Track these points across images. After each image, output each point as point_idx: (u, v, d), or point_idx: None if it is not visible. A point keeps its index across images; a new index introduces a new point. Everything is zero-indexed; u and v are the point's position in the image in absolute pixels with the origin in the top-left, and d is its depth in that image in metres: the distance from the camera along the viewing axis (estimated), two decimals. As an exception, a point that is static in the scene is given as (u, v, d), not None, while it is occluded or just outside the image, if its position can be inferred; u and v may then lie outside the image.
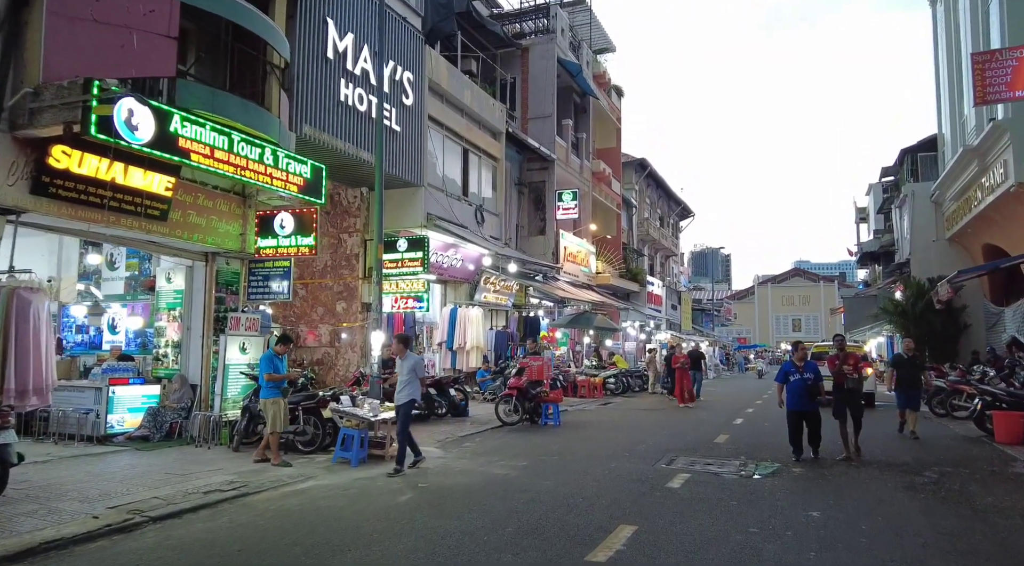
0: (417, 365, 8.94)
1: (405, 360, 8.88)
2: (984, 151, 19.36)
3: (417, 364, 8.96)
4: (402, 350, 9.00)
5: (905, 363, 12.17)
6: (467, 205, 17.46)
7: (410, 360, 8.88)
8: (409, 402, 8.75)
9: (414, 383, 8.76)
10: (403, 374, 8.80)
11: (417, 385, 8.78)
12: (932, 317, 24.81)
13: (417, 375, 8.81)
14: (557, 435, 12.06)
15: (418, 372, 8.89)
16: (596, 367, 23.26)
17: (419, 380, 8.84)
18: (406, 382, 8.75)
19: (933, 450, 10.61)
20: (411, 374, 8.78)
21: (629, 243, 35.39)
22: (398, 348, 9.09)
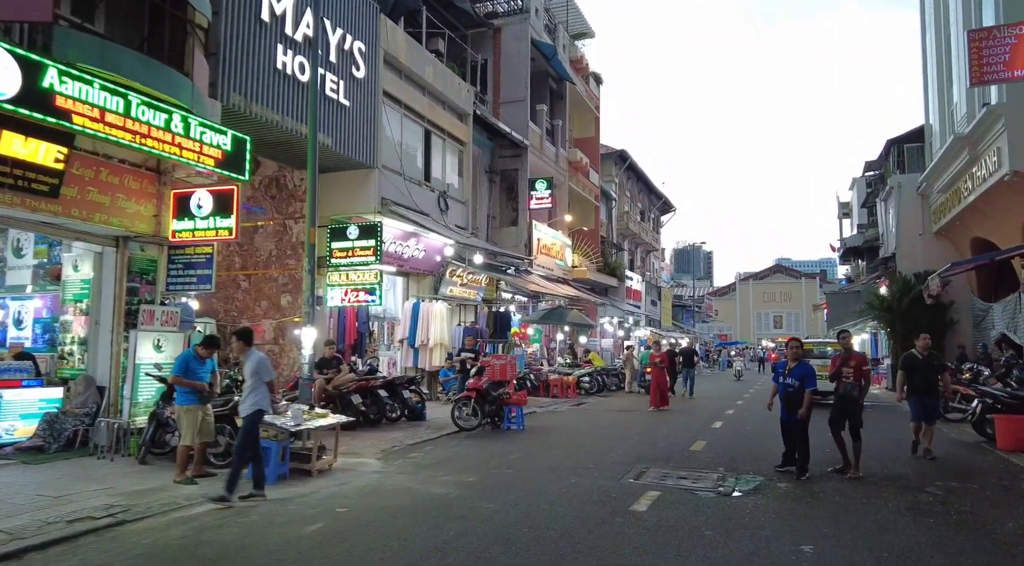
0: (260, 367, 7.15)
1: (247, 361, 7.25)
2: (976, 139, 18.42)
3: (260, 366, 7.16)
4: (242, 348, 7.35)
5: (920, 365, 9.84)
6: (429, 191, 16.19)
7: (251, 361, 7.20)
8: (255, 413, 7.07)
9: (260, 389, 7.12)
10: (247, 379, 7.23)
11: (264, 392, 7.13)
12: (919, 313, 23.92)
13: (262, 379, 7.14)
14: (518, 442, 10.87)
15: (263, 375, 7.12)
16: (570, 365, 22.10)
17: (268, 385, 7.15)
18: (250, 389, 7.12)
19: (933, 460, 9.55)
20: (255, 378, 7.10)
21: (608, 237, 34.30)
22: (238, 346, 7.45)
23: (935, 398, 9.92)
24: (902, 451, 10.14)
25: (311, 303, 9.47)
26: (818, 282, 73.92)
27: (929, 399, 9.77)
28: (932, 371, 9.87)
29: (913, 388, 9.81)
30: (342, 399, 11.81)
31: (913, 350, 10.13)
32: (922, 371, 9.81)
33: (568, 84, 25.80)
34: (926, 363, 9.86)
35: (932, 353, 10.14)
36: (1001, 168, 16.84)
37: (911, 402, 9.90)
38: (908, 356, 10.09)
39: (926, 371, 9.81)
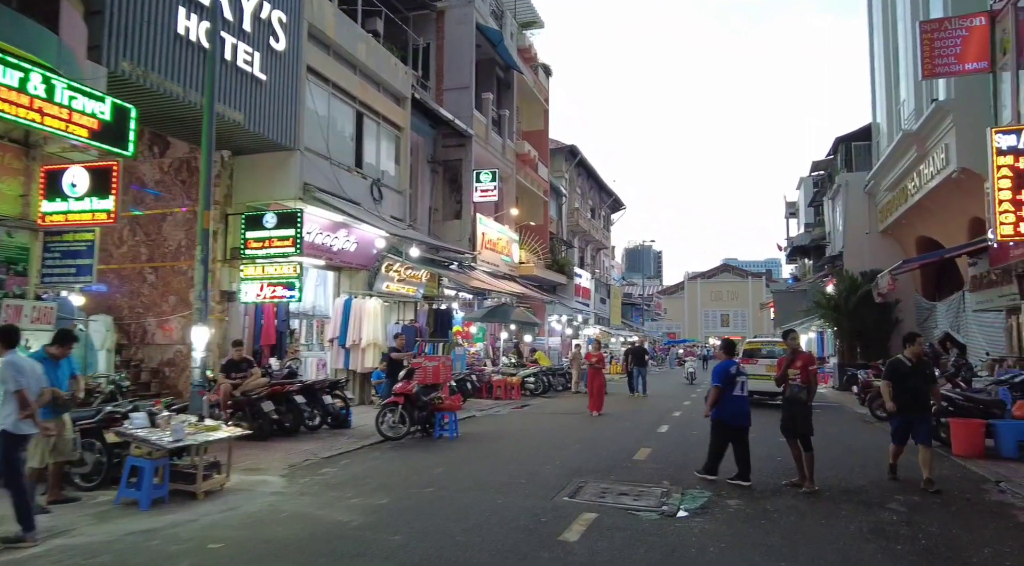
0: (5, 375, 5.62)
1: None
2: (924, 136, 18.25)
3: (4, 374, 5.64)
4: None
5: (909, 373, 7.88)
6: (361, 178, 15.00)
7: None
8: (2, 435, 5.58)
9: (8, 403, 5.61)
10: None
11: (14, 407, 5.57)
12: (865, 312, 23.90)
13: (8, 389, 5.61)
14: (448, 453, 9.86)
15: (7, 384, 5.58)
16: (515, 365, 21.19)
17: (18, 397, 5.54)
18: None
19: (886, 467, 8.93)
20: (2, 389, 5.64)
21: (558, 233, 33.54)
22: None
23: (927, 413, 7.98)
24: (857, 458, 9.54)
25: (204, 298, 8.26)
26: (764, 281, 74.99)
27: (920, 414, 7.87)
28: (924, 381, 7.92)
29: (901, 403, 7.90)
30: (252, 406, 10.61)
31: (900, 356, 8.16)
32: (912, 381, 7.87)
33: (516, 73, 24.86)
34: (916, 371, 7.90)
35: (923, 360, 8.20)
36: (949, 165, 16.64)
37: (895, 420, 8.12)
38: (895, 363, 8.15)
39: (916, 381, 7.88)
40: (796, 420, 7.92)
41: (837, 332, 25.97)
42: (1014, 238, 10.13)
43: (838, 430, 12.90)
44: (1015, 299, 13.39)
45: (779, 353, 18.46)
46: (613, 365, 37.96)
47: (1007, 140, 10.11)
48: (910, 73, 19.69)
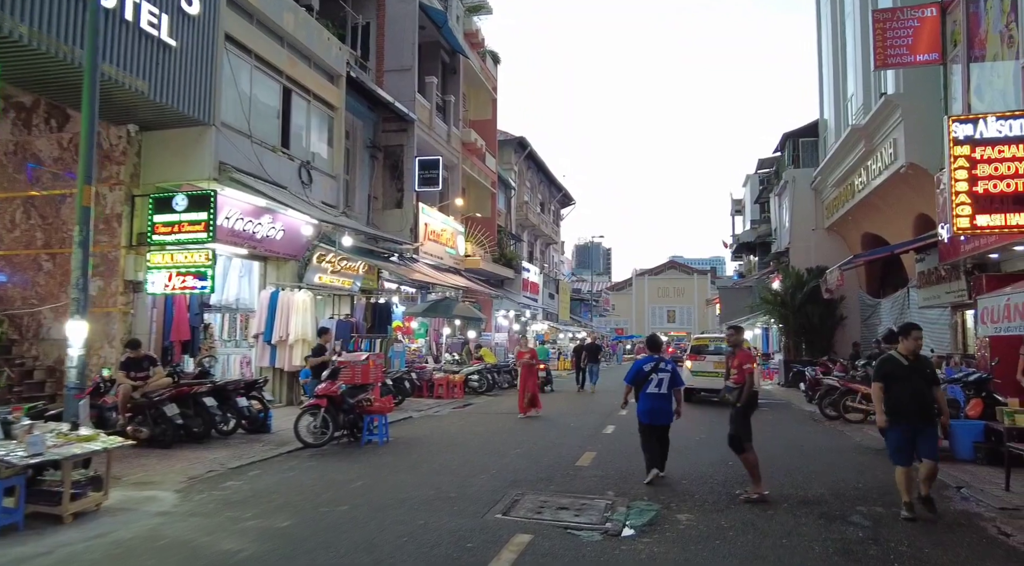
0: None
1: None
2: (872, 131, 18.10)
3: None
4: None
5: (906, 374, 6.39)
6: (288, 160, 13.84)
7: None
8: None
9: None
10: None
11: None
12: (811, 308, 23.87)
13: None
14: (374, 462, 8.92)
15: None
16: (458, 362, 20.31)
17: None
18: None
19: (844, 472, 8.44)
20: None
21: (506, 226, 32.76)
22: None
23: (932, 423, 6.43)
24: (812, 462, 9.02)
25: (82, 287, 7.12)
26: (709, 278, 76.02)
27: (923, 425, 6.36)
28: (925, 383, 6.42)
29: (897, 410, 6.37)
30: (154, 409, 9.45)
31: (893, 352, 6.69)
32: (910, 384, 6.35)
33: (462, 58, 23.90)
34: (915, 371, 6.42)
35: (923, 357, 6.72)
36: (897, 160, 16.47)
37: (892, 433, 6.45)
38: (888, 362, 6.63)
39: (917, 383, 6.36)
40: (732, 422, 7.39)
41: (783, 328, 25.96)
42: (970, 231, 9.77)
43: (789, 430, 12.48)
44: (962, 296, 13.21)
45: (726, 350, 18.08)
46: (561, 361, 37.54)
47: (963, 129, 9.73)
48: (858, 67, 19.58)
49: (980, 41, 11.93)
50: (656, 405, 7.74)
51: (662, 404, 7.76)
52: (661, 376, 7.77)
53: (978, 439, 8.87)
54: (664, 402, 7.77)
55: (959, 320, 15.07)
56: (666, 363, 7.99)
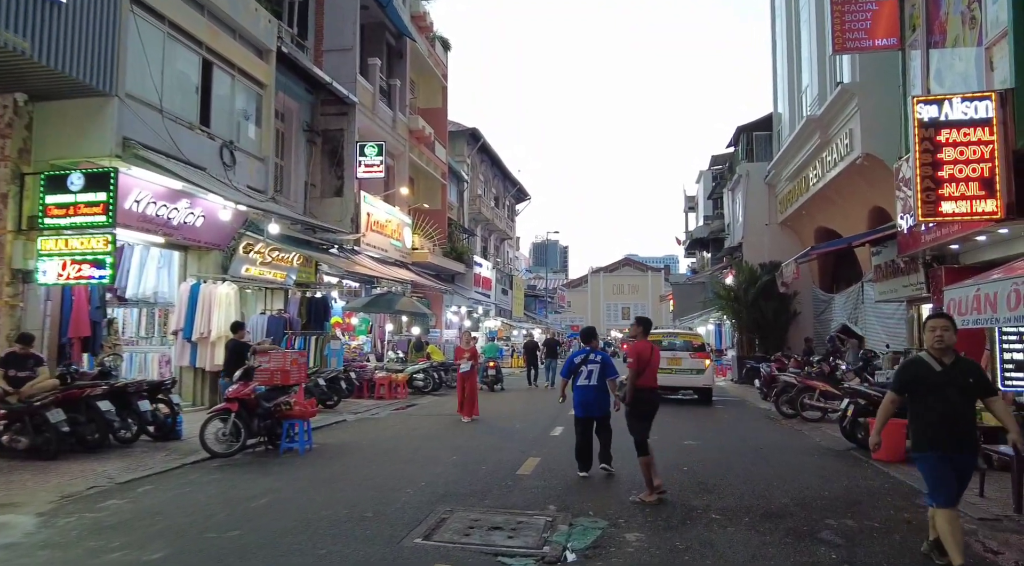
0: None
1: None
2: (827, 121, 17.73)
3: None
4: None
5: (938, 382, 4.62)
6: (208, 139, 12.58)
7: None
8: None
9: None
10: None
11: None
12: (764, 303, 23.57)
13: None
14: (288, 474, 7.87)
15: None
16: (401, 360, 19.27)
17: None
18: None
19: (808, 478, 7.76)
20: None
21: (458, 220, 31.76)
22: None
23: (972, 450, 4.76)
24: (771, 467, 8.33)
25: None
26: (663, 276, 76.56)
27: (962, 454, 4.62)
28: (963, 396, 4.62)
29: (925, 433, 4.67)
30: (35, 415, 8.21)
31: (921, 354, 4.85)
32: (944, 396, 4.59)
33: (409, 42, 22.78)
34: (950, 380, 4.61)
35: (964, 360, 4.80)
36: (853, 151, 16.10)
37: (924, 464, 4.72)
38: (913, 365, 4.86)
39: (953, 394, 4.58)
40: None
41: (736, 324, 25.67)
42: (934, 219, 9.26)
43: (745, 430, 11.87)
44: (920, 289, 12.83)
45: (681, 345, 17.61)
46: (515, 358, 36.72)
47: (928, 111, 9.21)
48: (813, 57, 19.24)
49: (940, 24, 11.49)
50: (587, 397, 7.62)
51: (594, 396, 7.62)
52: (591, 367, 7.64)
53: (944, 439, 8.31)
54: (596, 393, 7.63)
55: (915, 314, 14.76)
56: (596, 354, 7.82)
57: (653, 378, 7.02)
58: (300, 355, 9.98)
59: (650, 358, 6.96)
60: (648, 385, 6.97)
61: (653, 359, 7.00)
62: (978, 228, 9.64)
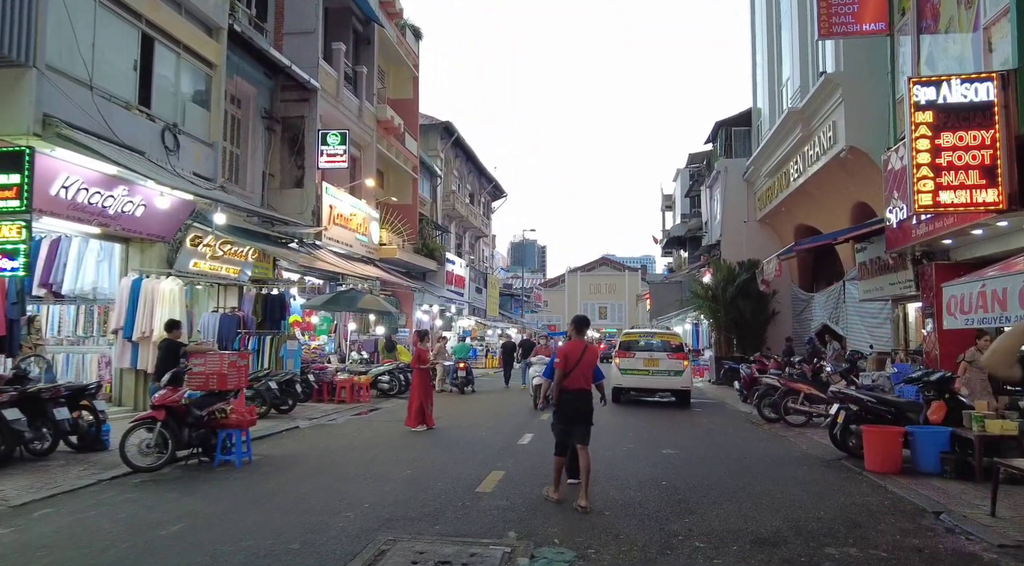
0: None
1: None
2: (810, 114, 17.12)
3: None
4: None
5: None
6: (147, 120, 11.53)
7: None
8: None
9: None
10: None
11: None
12: (743, 303, 22.99)
13: None
14: (214, 493, 6.93)
15: None
16: (367, 361, 18.31)
17: None
18: None
19: (799, 494, 7.01)
20: None
21: (431, 216, 30.83)
22: None
23: None
24: (759, 480, 7.57)
25: None
26: (640, 275, 76.36)
27: None
28: None
29: None
30: (-78, 427, 7.16)
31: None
32: None
33: (377, 28, 21.79)
34: None
35: None
36: (836, 144, 15.49)
37: None
38: None
39: None
40: None
41: (713, 324, 25.07)
42: (932, 209, 8.59)
43: (726, 436, 11.14)
44: (908, 287, 12.22)
45: (659, 346, 16.87)
46: (490, 359, 35.84)
47: (926, 93, 8.54)
48: (795, 47, 18.66)
49: (932, 8, 10.87)
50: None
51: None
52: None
53: (944, 448, 7.64)
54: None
55: (900, 314, 14.20)
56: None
57: (583, 380, 6.50)
58: (240, 357, 9.00)
59: (580, 359, 6.46)
60: (576, 387, 6.47)
61: (584, 360, 6.48)
62: (975, 220, 9.00)
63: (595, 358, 6.64)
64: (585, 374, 6.49)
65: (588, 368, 6.51)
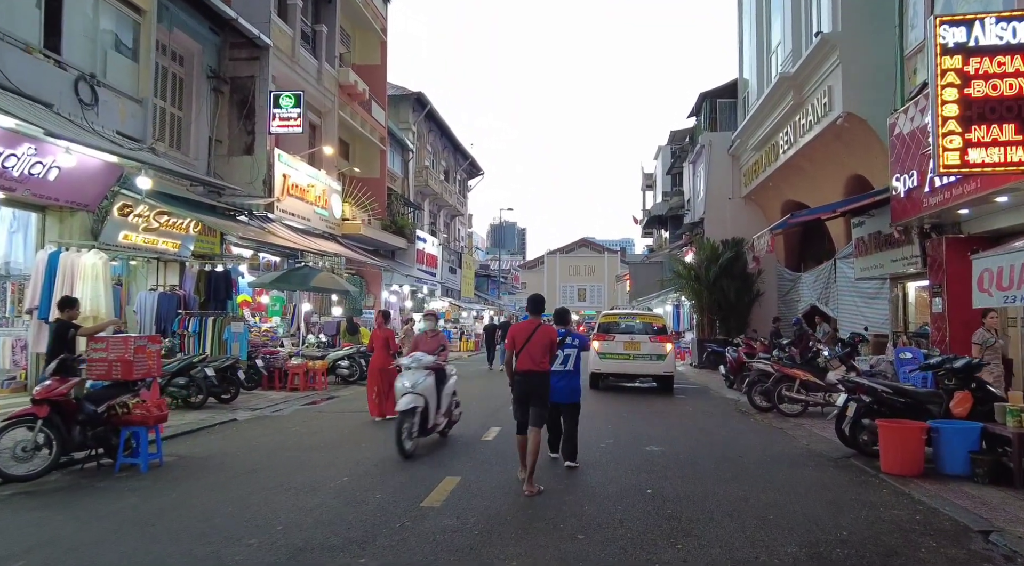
0: None
1: None
2: (803, 79, 15.91)
3: None
4: None
5: None
6: (57, 68, 10.00)
7: None
8: None
9: None
10: None
11: None
12: (727, 283, 21.92)
13: None
14: (96, 508, 5.62)
15: None
16: (326, 345, 16.97)
17: None
18: None
19: (811, 505, 5.87)
20: None
21: (403, 192, 29.34)
22: None
23: None
24: (757, 486, 6.41)
25: None
26: (619, 257, 75.62)
27: None
28: None
29: None
30: None
31: None
32: None
33: (338, -17, 20.16)
34: None
35: None
36: (832, 111, 14.29)
37: None
38: None
39: None
40: None
41: (695, 305, 24.02)
42: (959, 170, 7.44)
43: (716, 429, 10.01)
44: (914, 263, 11.15)
45: (640, 328, 15.73)
46: (464, 342, 34.60)
47: (955, 34, 7.35)
48: (787, 9, 17.41)
49: (950, -52, 9.66)
50: (559, 383, 6.91)
51: (566, 382, 7.11)
52: (567, 352, 7.13)
53: (973, 447, 6.56)
54: (569, 379, 7.15)
55: (900, 293, 13.17)
56: (573, 337, 7.32)
57: (531, 361, 6.27)
58: (150, 340, 7.62)
59: (528, 339, 6.28)
60: (525, 369, 6.31)
61: (534, 340, 6.27)
62: (1005, 185, 7.86)
63: (547, 339, 6.34)
64: (534, 355, 6.25)
65: (539, 349, 6.26)
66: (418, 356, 8.08)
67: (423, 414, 7.63)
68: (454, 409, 8.85)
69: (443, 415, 8.32)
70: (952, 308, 9.90)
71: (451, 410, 8.72)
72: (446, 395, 8.34)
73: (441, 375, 8.23)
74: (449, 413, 8.62)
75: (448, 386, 8.44)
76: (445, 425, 8.56)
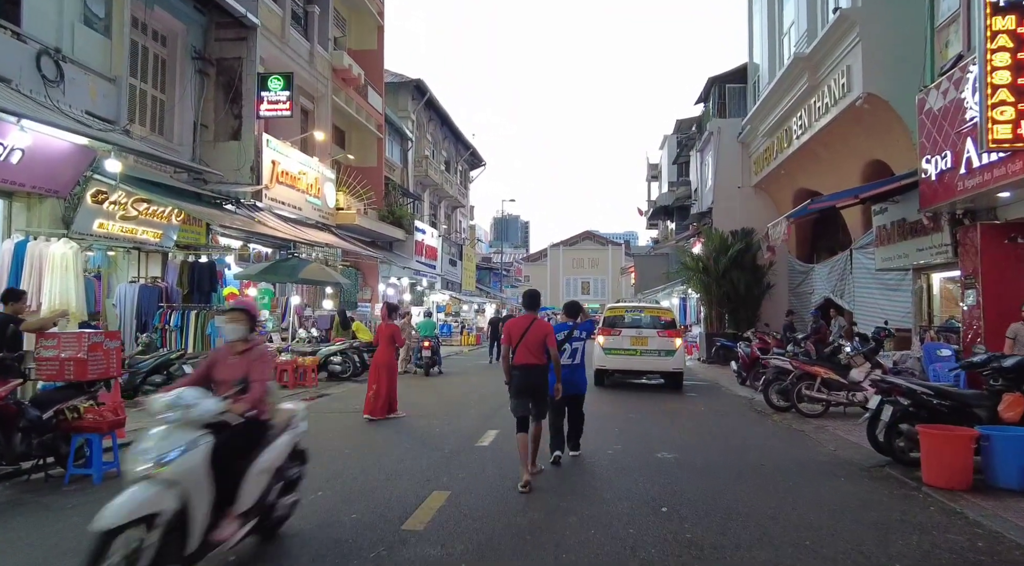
0: None
1: None
2: (819, 60, 15.06)
3: None
4: None
5: None
6: (16, 41, 9.24)
7: None
8: None
9: None
10: None
11: None
12: (737, 275, 21.12)
13: None
14: (22, 532, 4.90)
15: None
16: (320, 340, 16.24)
17: None
18: None
19: (849, 525, 5.12)
20: None
21: (402, 182, 28.59)
22: None
23: None
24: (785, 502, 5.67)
25: None
26: (623, 249, 74.78)
27: None
28: None
29: None
30: None
31: None
32: None
33: (332, -37, 19.34)
34: None
35: None
36: (851, 92, 13.47)
37: None
38: None
39: None
40: None
41: (704, 298, 23.24)
42: (1012, 145, 6.65)
43: (732, 432, 9.25)
44: (944, 252, 10.36)
45: (647, 322, 14.95)
46: (465, 336, 33.89)
47: (1007, -7, 6.54)
48: None
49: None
50: (567, 376, 6.81)
51: (574, 375, 7.13)
52: (575, 345, 7.24)
53: (1029, 458, 5.80)
54: (576, 373, 7.20)
55: (924, 285, 12.39)
56: (580, 330, 7.37)
57: (529, 354, 6.27)
58: (108, 337, 6.89)
59: (523, 334, 6.29)
60: (522, 362, 6.28)
61: (529, 335, 6.28)
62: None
63: (543, 333, 6.28)
64: (531, 348, 6.24)
65: (535, 343, 6.24)
66: (185, 396, 3.79)
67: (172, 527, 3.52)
68: (279, 498, 4.46)
69: (236, 518, 3.94)
70: (988, 299, 9.12)
71: (271, 501, 4.36)
72: (257, 474, 4.09)
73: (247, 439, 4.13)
74: (264, 507, 4.27)
75: (267, 458, 4.20)
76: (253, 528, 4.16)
